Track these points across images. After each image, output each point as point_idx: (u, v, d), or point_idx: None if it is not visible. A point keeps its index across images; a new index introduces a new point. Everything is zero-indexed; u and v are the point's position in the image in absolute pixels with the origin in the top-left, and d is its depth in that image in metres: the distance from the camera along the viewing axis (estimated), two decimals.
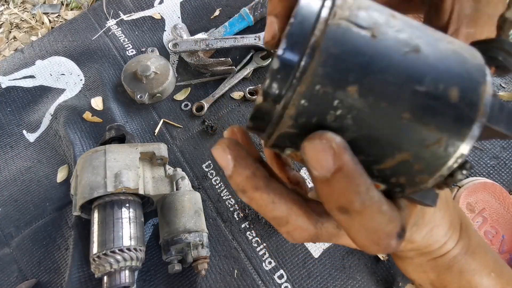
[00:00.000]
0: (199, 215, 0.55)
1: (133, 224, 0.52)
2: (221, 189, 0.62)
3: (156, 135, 0.69)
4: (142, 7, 0.85)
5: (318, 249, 0.56)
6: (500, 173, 0.58)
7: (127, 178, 0.52)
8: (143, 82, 0.70)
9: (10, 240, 0.61)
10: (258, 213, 0.59)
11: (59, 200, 0.63)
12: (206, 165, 0.65)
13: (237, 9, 0.78)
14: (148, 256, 0.57)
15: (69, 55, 0.79)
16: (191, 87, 0.74)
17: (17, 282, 0.57)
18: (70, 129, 0.67)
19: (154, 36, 0.80)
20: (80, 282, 0.54)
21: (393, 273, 0.53)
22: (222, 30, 0.75)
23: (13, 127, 0.72)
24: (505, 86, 0.66)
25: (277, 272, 0.55)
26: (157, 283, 0.55)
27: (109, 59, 0.78)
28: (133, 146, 0.57)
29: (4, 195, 0.64)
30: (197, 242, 0.52)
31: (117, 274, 0.49)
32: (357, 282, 0.53)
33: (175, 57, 0.77)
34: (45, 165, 0.67)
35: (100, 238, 0.50)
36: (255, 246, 0.57)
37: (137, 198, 0.56)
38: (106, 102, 0.72)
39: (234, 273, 0.55)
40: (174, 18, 0.82)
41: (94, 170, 0.52)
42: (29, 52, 0.80)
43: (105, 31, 0.82)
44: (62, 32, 0.83)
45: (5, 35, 0.88)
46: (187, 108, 0.71)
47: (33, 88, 0.76)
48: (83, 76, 0.76)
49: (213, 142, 0.67)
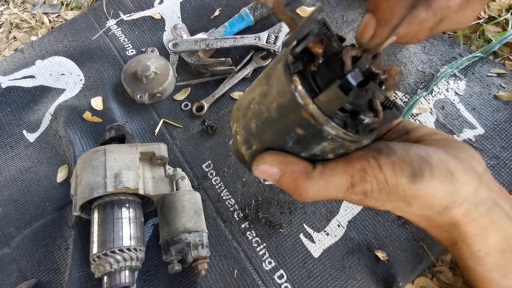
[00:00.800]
0: (199, 215, 0.55)
1: (133, 224, 0.52)
2: (221, 189, 0.62)
3: (156, 135, 0.69)
4: (142, 7, 0.85)
5: (318, 249, 0.56)
6: (500, 173, 0.58)
7: (127, 178, 0.52)
8: (143, 82, 0.70)
9: (10, 240, 0.61)
10: (258, 213, 0.59)
11: (59, 200, 0.63)
12: (206, 165, 0.65)
13: (237, 9, 0.78)
14: (148, 256, 0.57)
15: (69, 55, 0.79)
16: (191, 87, 0.74)
17: (17, 282, 0.57)
18: (70, 129, 0.67)
19: (154, 36, 0.80)
20: (80, 282, 0.54)
21: (393, 273, 0.53)
22: (222, 30, 0.75)
23: (13, 127, 0.72)
24: (505, 86, 0.66)
25: (277, 272, 0.55)
26: (157, 283, 0.55)
27: (109, 59, 0.78)
28: (133, 146, 0.57)
29: (4, 195, 0.65)
30: (197, 242, 0.52)
31: (117, 274, 0.49)
32: (357, 282, 0.53)
33: (175, 57, 0.77)
34: (45, 165, 0.67)
35: (100, 238, 0.50)
36: (255, 246, 0.57)
37: (137, 198, 0.56)
38: (106, 102, 0.72)
39: (234, 273, 0.55)
40: (174, 18, 0.82)
41: (94, 170, 0.52)
42: (29, 52, 0.80)
43: (105, 31, 0.82)
44: (62, 32, 0.83)
45: (5, 35, 0.88)
46: (187, 108, 0.71)
47: (33, 88, 0.76)
48: (83, 76, 0.76)
49: (213, 142, 0.67)
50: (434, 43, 0.73)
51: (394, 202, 0.24)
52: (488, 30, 0.74)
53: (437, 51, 0.72)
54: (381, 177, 0.23)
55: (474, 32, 0.75)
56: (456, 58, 0.70)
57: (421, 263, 0.54)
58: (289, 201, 0.60)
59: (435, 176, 0.23)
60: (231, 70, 0.72)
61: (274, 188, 0.61)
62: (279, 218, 0.59)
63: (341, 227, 0.58)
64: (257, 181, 0.62)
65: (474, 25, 0.75)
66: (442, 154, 0.24)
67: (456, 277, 0.53)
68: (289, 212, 0.59)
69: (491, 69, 0.68)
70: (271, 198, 0.60)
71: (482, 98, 0.66)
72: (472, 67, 0.69)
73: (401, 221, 0.57)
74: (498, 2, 0.77)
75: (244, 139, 0.27)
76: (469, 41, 0.74)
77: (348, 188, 0.24)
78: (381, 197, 0.24)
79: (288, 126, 0.22)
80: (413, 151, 0.24)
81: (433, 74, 0.69)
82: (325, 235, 0.57)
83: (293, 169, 0.24)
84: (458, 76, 0.69)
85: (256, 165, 0.25)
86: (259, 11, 0.76)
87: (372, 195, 0.24)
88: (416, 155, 0.23)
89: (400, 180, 0.23)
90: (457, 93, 0.67)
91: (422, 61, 0.71)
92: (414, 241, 0.55)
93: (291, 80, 0.21)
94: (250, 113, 0.25)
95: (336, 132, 0.21)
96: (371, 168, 0.23)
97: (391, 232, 0.56)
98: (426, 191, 0.23)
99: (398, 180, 0.23)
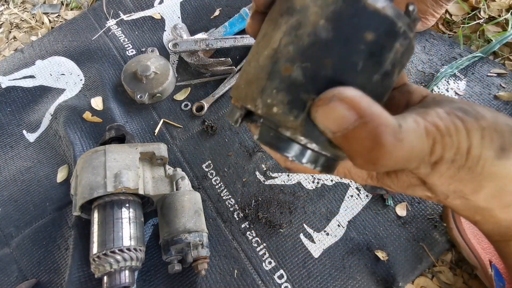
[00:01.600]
0: (199, 215, 0.55)
1: (133, 224, 0.52)
2: (221, 189, 0.62)
3: (156, 135, 0.69)
4: (142, 7, 0.85)
5: (318, 249, 0.56)
6: None
7: (127, 178, 0.52)
8: (143, 82, 0.70)
9: (10, 240, 0.61)
10: (258, 213, 0.59)
11: (59, 200, 0.63)
12: (206, 165, 0.65)
13: (237, 9, 0.78)
14: (148, 256, 0.57)
15: (69, 55, 0.79)
16: (191, 87, 0.74)
17: (17, 282, 0.57)
18: (70, 129, 0.67)
19: (154, 36, 0.80)
20: (80, 282, 0.54)
21: (393, 273, 0.53)
22: (222, 30, 0.75)
23: (13, 127, 0.72)
24: (505, 86, 0.66)
25: (277, 272, 0.55)
26: (157, 283, 0.55)
27: (109, 59, 0.78)
28: (133, 146, 0.57)
29: (4, 195, 0.64)
30: (197, 242, 0.52)
31: (117, 274, 0.49)
32: (357, 282, 0.53)
33: (175, 57, 0.77)
34: (45, 165, 0.67)
35: (100, 238, 0.50)
36: (255, 246, 0.57)
37: (137, 198, 0.56)
38: (106, 102, 0.72)
39: (234, 273, 0.55)
40: (174, 18, 0.82)
41: (94, 170, 0.52)
42: (29, 52, 0.80)
43: (105, 31, 0.82)
44: (62, 32, 0.83)
45: (5, 35, 0.88)
46: (187, 108, 0.71)
47: (33, 88, 0.76)
48: (83, 76, 0.76)
49: (213, 142, 0.67)
50: (434, 43, 0.74)
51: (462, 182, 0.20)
52: (488, 30, 0.74)
53: (437, 51, 0.72)
54: (465, 145, 0.18)
55: (474, 32, 0.75)
56: (456, 58, 0.70)
57: (421, 263, 0.54)
58: (289, 201, 0.60)
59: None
60: (231, 70, 0.72)
61: (274, 188, 0.61)
62: (279, 218, 0.59)
63: (341, 227, 0.58)
64: (257, 181, 0.62)
65: (474, 25, 0.75)
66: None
67: (456, 277, 0.53)
68: (289, 212, 0.59)
69: (491, 69, 0.68)
70: (271, 198, 0.60)
71: (482, 98, 0.66)
72: (472, 67, 0.69)
73: (401, 221, 0.57)
74: (498, 2, 0.77)
75: (289, 101, 0.18)
76: (469, 41, 0.74)
77: (426, 155, 0.19)
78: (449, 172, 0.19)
79: (353, 37, 0.17)
80: (502, 118, 0.19)
81: (433, 74, 0.69)
82: (325, 235, 0.57)
83: (380, 122, 0.16)
84: (458, 76, 0.69)
85: (326, 101, 0.17)
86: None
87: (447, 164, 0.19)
88: (506, 124, 0.19)
89: (485, 153, 0.18)
90: (457, 93, 0.67)
91: (422, 61, 0.71)
92: (414, 241, 0.55)
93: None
94: (285, 61, 0.18)
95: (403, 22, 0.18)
96: (457, 132, 0.18)
97: (391, 232, 0.56)
98: (509, 169, 0.19)
99: (483, 152, 0.18)
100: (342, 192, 0.60)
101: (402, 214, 0.57)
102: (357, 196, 0.60)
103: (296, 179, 0.62)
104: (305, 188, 0.61)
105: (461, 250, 0.53)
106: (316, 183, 0.61)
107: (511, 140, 0.18)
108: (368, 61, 0.18)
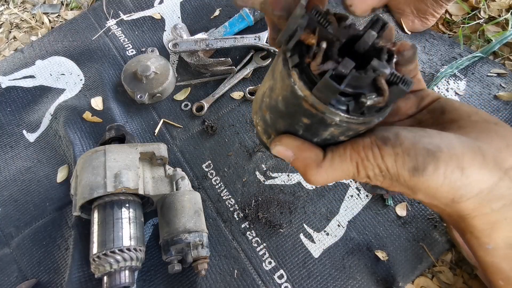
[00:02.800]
0: (199, 215, 0.55)
1: (133, 224, 0.52)
2: (221, 189, 0.62)
3: (156, 135, 0.69)
4: (142, 7, 0.85)
5: (318, 249, 0.56)
6: None
7: (127, 178, 0.52)
8: (143, 82, 0.70)
9: (10, 240, 0.61)
10: (258, 213, 0.59)
11: (59, 200, 0.63)
12: (206, 165, 0.65)
13: (237, 9, 0.78)
14: (148, 256, 0.57)
15: (69, 55, 0.79)
16: (191, 87, 0.74)
17: (17, 282, 0.57)
18: (70, 129, 0.67)
19: (154, 36, 0.80)
20: (80, 282, 0.54)
21: (393, 273, 0.53)
22: (222, 30, 0.75)
23: (13, 127, 0.72)
24: (505, 86, 0.66)
25: (277, 272, 0.55)
26: (157, 283, 0.55)
27: (109, 59, 0.78)
28: (133, 146, 0.57)
29: (4, 195, 0.65)
30: (197, 242, 0.52)
31: (117, 274, 0.49)
32: (357, 282, 0.53)
33: (175, 57, 0.77)
34: (45, 165, 0.67)
35: (100, 238, 0.50)
36: (255, 246, 0.57)
37: (137, 198, 0.56)
38: (106, 102, 0.72)
39: (234, 273, 0.55)
40: (174, 18, 0.82)
41: (94, 170, 0.52)
42: (29, 52, 0.80)
43: (105, 31, 0.82)
44: (62, 32, 0.83)
45: (5, 35, 0.88)
46: (187, 108, 0.71)
47: (33, 88, 0.76)
48: (83, 76, 0.76)
49: (213, 142, 0.67)
50: (434, 43, 0.74)
51: (399, 188, 0.25)
52: (488, 30, 0.74)
53: (437, 51, 0.72)
54: (383, 166, 0.24)
55: (474, 32, 0.75)
56: (456, 58, 0.70)
57: (421, 263, 0.54)
58: (289, 201, 0.60)
59: (439, 171, 0.23)
60: (231, 70, 0.72)
61: (274, 188, 0.61)
62: (279, 218, 0.59)
63: (341, 227, 0.58)
64: (257, 181, 0.62)
65: (474, 25, 0.75)
66: (459, 147, 0.23)
67: (456, 277, 0.53)
68: (289, 212, 0.59)
69: (491, 69, 0.68)
70: (271, 198, 0.60)
71: (482, 98, 0.66)
72: (472, 67, 0.69)
73: (401, 221, 0.57)
74: (498, 2, 0.77)
75: (263, 129, 0.29)
76: (469, 41, 0.74)
77: (354, 173, 0.26)
78: (386, 182, 0.25)
79: (295, 117, 0.24)
80: (422, 143, 0.23)
81: (433, 74, 0.69)
82: (325, 235, 0.57)
83: (305, 156, 0.26)
84: (458, 76, 0.69)
85: (274, 145, 0.27)
86: (259, 11, 0.76)
87: (376, 179, 0.25)
88: (423, 148, 0.23)
89: (401, 172, 0.24)
90: (457, 93, 0.67)
91: (422, 61, 0.71)
92: (414, 241, 0.55)
93: (290, 74, 0.22)
94: (264, 106, 0.27)
95: (339, 118, 0.21)
96: (374, 158, 0.24)
97: (391, 232, 0.56)
98: (427, 184, 0.23)
99: (399, 171, 0.24)
100: (342, 192, 0.60)
101: (402, 214, 0.57)
102: (357, 196, 0.60)
103: (296, 179, 0.62)
104: (305, 188, 0.61)
105: (461, 250, 0.53)
106: None
107: (425, 162, 0.23)
108: (305, 132, 0.25)
